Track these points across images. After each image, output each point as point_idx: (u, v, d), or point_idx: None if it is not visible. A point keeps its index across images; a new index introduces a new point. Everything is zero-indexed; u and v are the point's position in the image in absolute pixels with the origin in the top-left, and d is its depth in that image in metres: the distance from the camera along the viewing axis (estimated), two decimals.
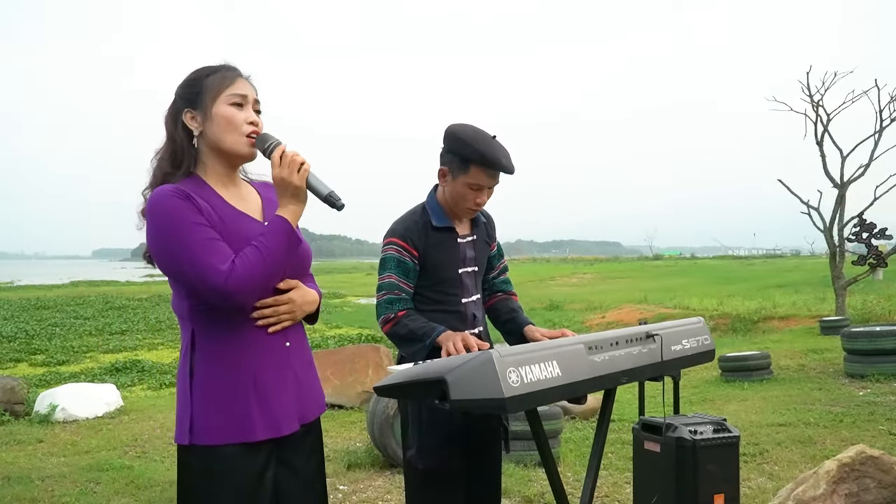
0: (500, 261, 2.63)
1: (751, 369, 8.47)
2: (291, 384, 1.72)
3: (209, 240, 1.58)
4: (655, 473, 2.96)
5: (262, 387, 1.66)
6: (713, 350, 2.48)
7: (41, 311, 21.97)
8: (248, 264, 1.57)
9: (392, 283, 2.29)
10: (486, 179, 2.27)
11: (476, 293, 2.46)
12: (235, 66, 1.76)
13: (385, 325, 2.29)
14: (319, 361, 7.52)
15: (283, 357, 1.72)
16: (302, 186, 1.64)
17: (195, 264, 1.56)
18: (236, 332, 1.65)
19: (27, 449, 5.77)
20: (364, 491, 4.34)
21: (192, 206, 1.60)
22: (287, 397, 1.71)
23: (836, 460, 2.98)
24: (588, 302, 25.17)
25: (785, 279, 29.79)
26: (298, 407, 1.74)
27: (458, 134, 2.25)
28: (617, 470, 4.62)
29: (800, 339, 12.35)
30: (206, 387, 1.64)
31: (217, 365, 1.64)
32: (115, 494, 4.37)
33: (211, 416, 1.63)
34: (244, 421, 1.64)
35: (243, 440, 1.63)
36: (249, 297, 1.61)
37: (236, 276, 1.55)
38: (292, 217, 1.66)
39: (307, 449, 1.79)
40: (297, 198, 1.65)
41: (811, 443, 5.19)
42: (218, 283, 1.55)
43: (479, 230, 2.48)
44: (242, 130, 1.69)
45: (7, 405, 7.09)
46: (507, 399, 1.56)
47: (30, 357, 13.68)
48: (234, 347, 1.65)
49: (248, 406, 1.64)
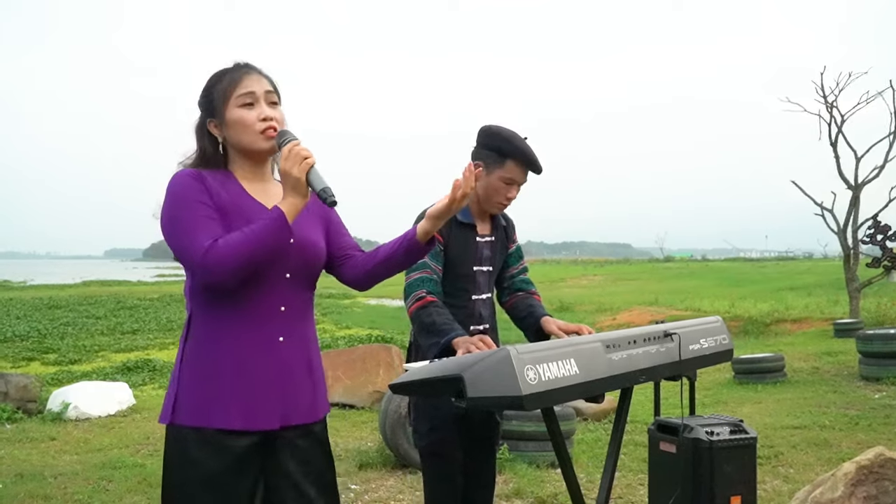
0: (520, 261, 2.69)
1: (764, 371, 8.41)
2: (277, 380, 1.69)
3: (203, 217, 1.64)
4: (671, 475, 2.93)
5: (243, 376, 1.65)
6: (731, 349, 2.45)
7: (53, 310, 22.08)
8: (228, 244, 1.59)
9: (424, 263, 2.31)
10: (520, 175, 2.40)
11: (487, 292, 2.52)
12: (243, 64, 1.77)
13: (414, 303, 2.30)
14: (330, 361, 7.53)
15: (273, 351, 1.69)
16: (301, 179, 1.63)
17: (182, 236, 1.62)
18: (227, 317, 1.66)
19: (40, 446, 5.78)
20: (376, 490, 4.33)
21: (202, 186, 1.67)
22: (270, 392, 1.67)
23: (855, 462, 2.94)
24: (598, 304, 25.10)
25: (797, 282, 29.59)
26: (283, 406, 1.69)
27: (497, 131, 2.39)
28: (630, 471, 4.59)
29: (813, 341, 12.27)
30: (192, 368, 1.67)
31: (203, 347, 1.67)
32: (127, 492, 4.37)
33: (191, 397, 1.65)
34: (220, 406, 1.63)
35: (219, 426, 1.63)
36: (226, 276, 1.60)
37: (214, 254, 1.58)
38: (288, 208, 1.64)
39: (300, 454, 1.73)
40: (297, 190, 1.64)
41: (827, 445, 5.14)
42: (196, 256, 1.59)
43: (498, 232, 2.55)
44: (256, 129, 1.71)
45: (20, 403, 7.12)
46: (525, 397, 1.54)
47: (42, 356, 13.75)
48: (222, 332, 1.66)
49: (225, 392, 1.64)
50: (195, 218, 1.63)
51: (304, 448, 1.75)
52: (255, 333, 1.67)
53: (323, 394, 1.83)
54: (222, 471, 1.62)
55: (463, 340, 2.15)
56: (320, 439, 1.80)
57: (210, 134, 1.76)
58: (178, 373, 1.68)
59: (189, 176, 1.69)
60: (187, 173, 1.70)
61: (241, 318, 1.67)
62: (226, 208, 1.68)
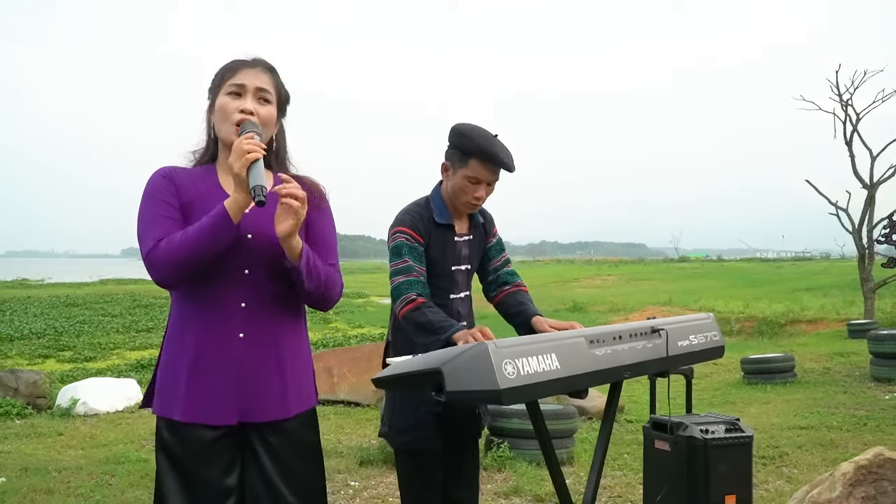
0: (501, 254, 2.63)
1: (774, 372, 8.33)
2: (234, 376, 1.67)
3: (160, 216, 1.67)
4: (665, 473, 2.90)
5: (199, 370, 1.67)
6: (722, 346, 2.42)
7: (70, 308, 22.33)
8: (171, 243, 1.62)
9: (409, 266, 2.29)
10: (485, 174, 2.33)
11: (465, 290, 2.51)
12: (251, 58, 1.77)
13: (404, 306, 2.24)
14: (336, 359, 7.55)
15: (231, 347, 1.68)
16: (241, 174, 1.58)
17: (139, 234, 1.67)
18: (192, 312, 1.70)
19: (47, 441, 5.85)
20: (375, 487, 4.34)
21: (168, 183, 1.71)
22: (226, 388, 1.67)
23: (853, 462, 2.90)
24: (612, 304, 24.97)
25: (814, 282, 29.31)
26: (240, 401, 1.68)
27: (461, 130, 2.35)
28: (631, 470, 4.57)
29: (826, 342, 12.15)
30: (162, 358, 1.73)
31: (173, 340, 1.72)
32: (129, 486, 4.41)
33: (160, 387, 1.71)
34: (178, 399, 1.67)
35: (177, 418, 1.66)
36: (167, 275, 1.63)
37: (155, 252, 1.62)
38: (231, 204, 1.61)
39: (272, 452, 1.72)
40: (241, 186, 1.60)
41: (832, 446, 5.09)
42: (143, 253, 1.64)
43: (476, 231, 2.53)
44: (232, 119, 1.71)
45: (30, 399, 7.22)
46: (503, 391, 1.53)
47: (58, 353, 13.93)
48: (187, 326, 1.70)
49: (182, 385, 1.67)
50: (152, 216, 1.67)
51: (276, 445, 1.73)
52: (215, 329, 1.68)
53: (300, 390, 1.78)
54: (187, 459, 1.66)
55: (463, 334, 2.12)
56: (296, 437, 1.76)
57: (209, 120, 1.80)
58: (158, 362, 1.75)
59: (160, 174, 1.73)
60: (160, 172, 1.74)
61: (203, 313, 1.68)
62: (193, 203, 1.69)
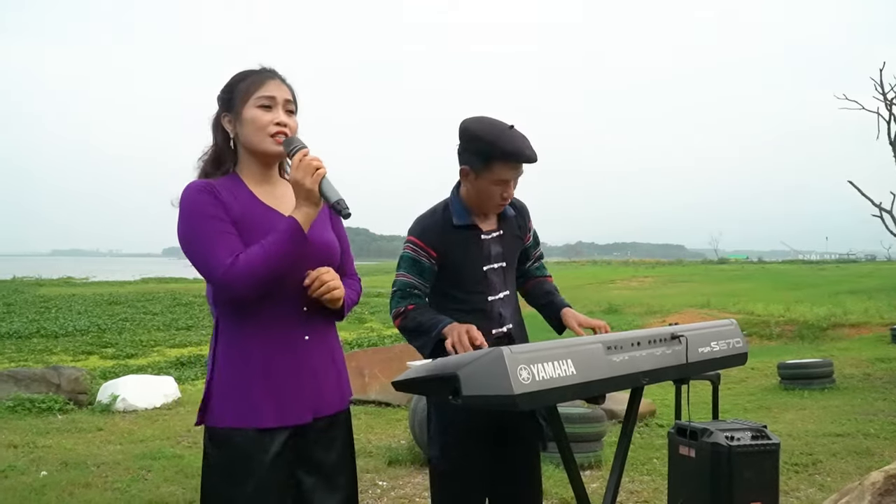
0: (536, 249, 2.55)
1: (811, 377, 8.15)
2: (307, 376, 1.77)
3: (220, 233, 1.68)
4: (690, 479, 2.89)
5: (273, 376, 1.72)
6: (745, 353, 2.40)
7: (113, 306, 22.90)
8: (249, 260, 1.65)
9: (405, 282, 2.28)
10: (511, 173, 2.21)
11: (504, 290, 2.35)
12: (270, 69, 1.84)
13: (396, 319, 2.29)
14: (368, 359, 7.62)
15: (300, 349, 1.76)
16: (314, 190, 1.68)
17: (201, 254, 1.68)
18: (253, 320, 1.72)
19: (87, 436, 6.03)
20: (403, 487, 4.38)
21: (214, 199, 1.71)
22: (300, 389, 1.75)
23: (884, 472, 2.84)
24: (648, 306, 24.62)
25: (858, 285, 28.54)
26: (314, 399, 1.78)
27: (475, 131, 2.19)
28: (660, 476, 4.53)
29: (869, 347, 11.84)
30: (223, 371, 1.73)
31: (233, 350, 1.73)
32: (164, 482, 4.52)
33: (223, 400, 1.72)
34: (252, 407, 1.69)
35: (252, 425, 1.69)
36: (249, 290, 1.66)
37: (236, 270, 1.64)
38: (302, 218, 1.69)
39: (328, 442, 1.82)
40: (310, 200, 1.69)
41: (868, 454, 4.98)
42: (217, 274, 1.65)
43: (506, 224, 2.38)
44: (268, 131, 1.77)
45: (71, 395, 7.44)
46: (518, 396, 1.56)
47: (101, 350, 14.30)
48: (249, 336, 1.72)
49: (257, 393, 1.70)
50: (213, 233, 1.68)
51: (332, 436, 1.83)
52: (281, 335, 1.74)
53: (346, 381, 1.92)
54: (260, 464, 1.68)
55: (449, 330, 2.11)
56: (346, 426, 1.90)
57: (223, 129, 1.82)
58: (211, 377, 1.75)
59: (197, 190, 1.73)
60: (198, 187, 1.74)
61: (267, 321, 1.73)
62: (240, 219, 1.73)
